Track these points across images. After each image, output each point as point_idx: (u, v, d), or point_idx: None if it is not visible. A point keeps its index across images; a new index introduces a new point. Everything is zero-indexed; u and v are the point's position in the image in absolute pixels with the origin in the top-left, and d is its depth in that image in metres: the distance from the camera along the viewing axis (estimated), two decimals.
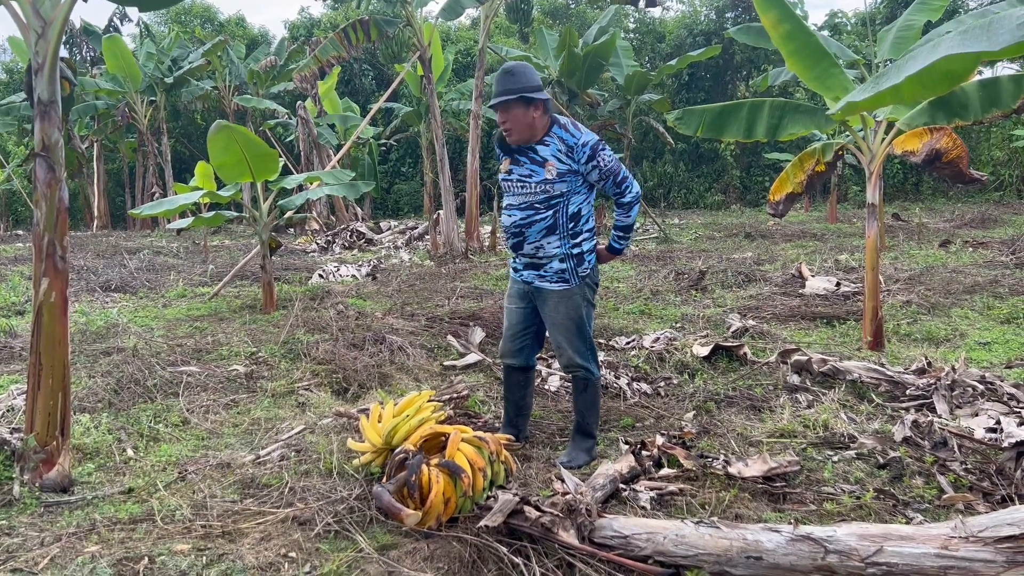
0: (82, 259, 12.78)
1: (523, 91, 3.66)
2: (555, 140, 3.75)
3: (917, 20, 6.65)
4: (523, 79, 3.69)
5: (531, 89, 3.67)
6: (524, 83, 3.68)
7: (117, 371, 5.36)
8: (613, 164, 3.78)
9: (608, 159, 3.76)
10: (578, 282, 3.86)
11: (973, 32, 2.67)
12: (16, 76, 28.57)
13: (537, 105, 3.70)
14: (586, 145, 3.72)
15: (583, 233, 3.86)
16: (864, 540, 2.57)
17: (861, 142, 6.29)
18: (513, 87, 3.67)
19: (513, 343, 4.10)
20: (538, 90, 3.70)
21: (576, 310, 3.88)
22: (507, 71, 3.72)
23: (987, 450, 3.83)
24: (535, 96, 3.66)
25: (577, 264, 3.85)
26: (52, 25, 3.57)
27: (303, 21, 31.76)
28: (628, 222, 3.91)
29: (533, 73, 3.73)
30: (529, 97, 3.66)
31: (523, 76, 3.69)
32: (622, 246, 4.00)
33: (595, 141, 3.76)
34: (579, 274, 3.86)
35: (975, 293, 8.09)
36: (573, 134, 3.75)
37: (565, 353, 3.93)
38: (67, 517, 3.36)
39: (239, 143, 7.20)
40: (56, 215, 3.64)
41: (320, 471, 3.80)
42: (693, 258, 11.92)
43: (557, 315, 3.89)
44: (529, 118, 3.71)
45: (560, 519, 2.88)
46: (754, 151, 26.65)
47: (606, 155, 3.76)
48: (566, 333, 3.89)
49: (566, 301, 3.86)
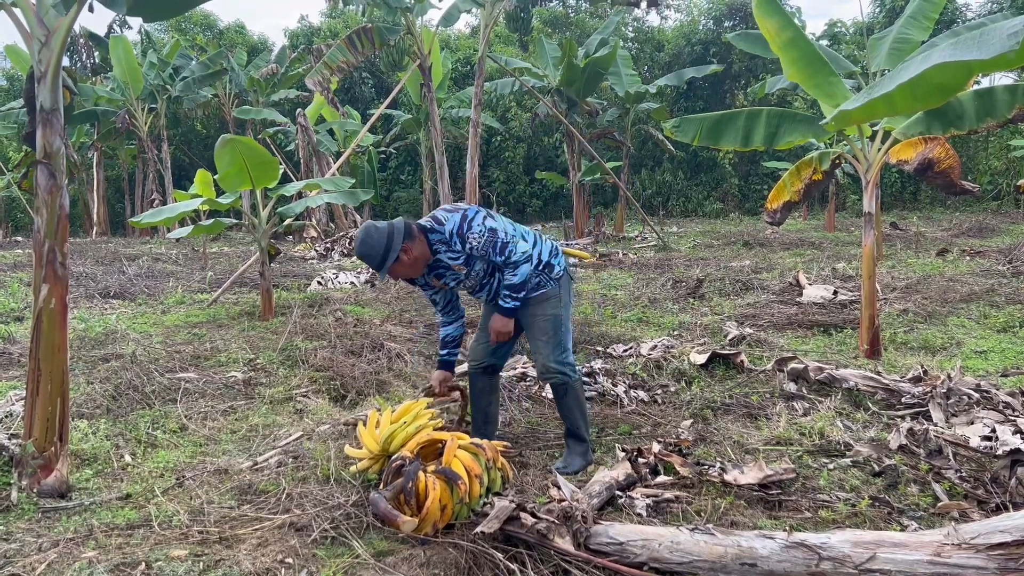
0: (81, 265, 12.79)
1: (387, 258, 3.62)
2: (438, 244, 3.77)
3: (911, 34, 6.69)
4: (378, 248, 3.61)
5: (390, 250, 3.61)
6: (381, 249, 3.61)
7: (115, 377, 5.37)
8: (485, 238, 3.71)
9: (477, 236, 3.71)
10: (553, 284, 3.99)
11: (965, 42, 2.71)
12: (16, 83, 28.63)
13: (405, 249, 3.66)
14: (451, 234, 3.72)
15: (532, 251, 3.93)
16: (858, 547, 2.59)
17: (858, 151, 6.32)
18: (379, 261, 3.62)
19: (484, 347, 4.16)
20: (392, 242, 3.62)
21: (553, 310, 3.98)
22: (362, 255, 3.65)
23: (982, 458, 3.85)
24: (397, 250, 3.63)
25: (549, 271, 3.99)
26: (56, 34, 3.59)
27: (303, 29, 31.88)
28: (516, 281, 3.80)
29: (375, 234, 3.63)
30: (396, 256, 3.63)
31: (375, 247, 3.61)
32: (508, 305, 3.86)
33: (456, 226, 3.72)
34: (553, 278, 3.99)
35: (972, 302, 8.12)
36: (440, 230, 3.73)
37: (541, 358, 4.00)
38: (65, 523, 3.37)
39: (242, 153, 7.25)
40: (57, 222, 3.66)
41: (317, 477, 3.81)
42: (691, 266, 11.95)
43: (535, 319, 3.98)
44: (411, 261, 3.72)
45: (556, 526, 2.89)
46: (753, 160, 26.73)
47: (473, 232, 3.71)
48: (543, 335, 3.97)
49: (543, 303, 3.97)
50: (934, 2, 6.90)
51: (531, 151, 28.39)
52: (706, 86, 27.88)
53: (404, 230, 3.67)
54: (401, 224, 3.70)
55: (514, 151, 27.77)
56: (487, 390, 4.25)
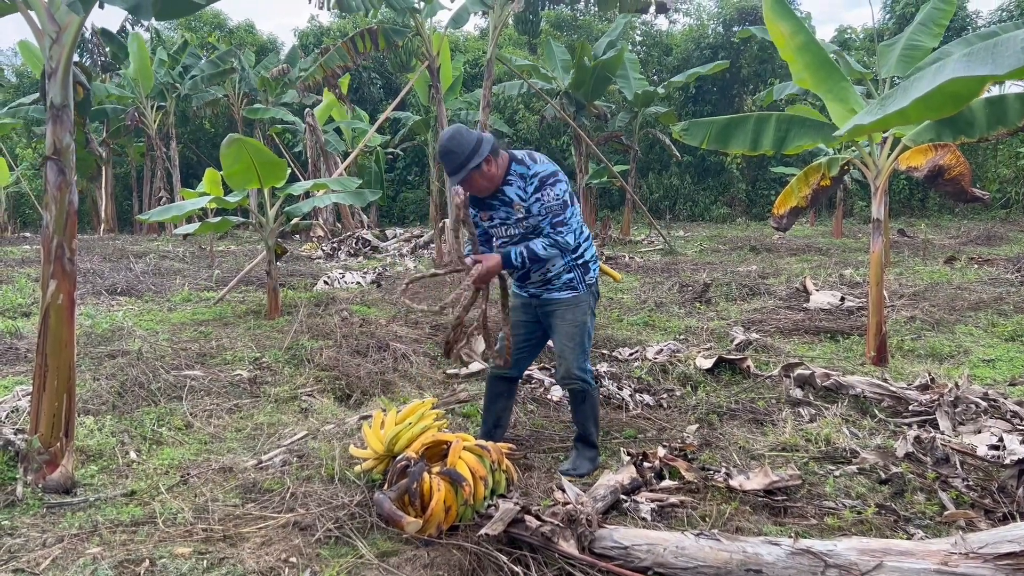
0: (89, 262, 12.84)
1: (470, 161, 3.58)
2: (515, 177, 3.73)
3: (921, 41, 6.67)
4: (464, 149, 3.57)
5: (476, 154, 3.59)
6: (467, 152, 3.57)
7: (121, 374, 5.39)
8: (557, 204, 3.68)
9: (553, 196, 3.67)
10: (585, 289, 3.93)
11: (978, 55, 2.68)
12: (25, 80, 28.77)
13: (488, 160, 3.63)
14: (535, 176, 3.68)
15: (581, 244, 3.91)
16: (864, 555, 2.57)
17: (867, 157, 6.30)
18: (460, 163, 3.58)
19: (512, 354, 4.10)
20: (480, 148, 3.59)
21: (583, 316, 3.93)
22: (446, 151, 3.58)
23: (989, 467, 3.83)
24: (483, 156, 3.60)
25: (584, 273, 3.93)
26: (67, 30, 3.61)
27: (312, 29, 31.93)
28: (540, 254, 3.71)
29: (466, 135, 3.60)
30: (480, 163, 3.60)
31: (462, 146, 3.57)
32: (515, 261, 3.72)
33: (546, 173, 3.69)
34: (586, 282, 3.94)
35: (980, 310, 8.08)
36: (528, 165, 3.72)
37: (565, 363, 3.95)
38: (69, 518, 3.38)
39: (249, 152, 7.27)
40: (65, 218, 3.68)
41: (322, 477, 3.81)
42: (698, 270, 11.93)
43: (564, 323, 3.93)
44: (488, 176, 3.68)
45: (560, 529, 2.88)
46: (760, 164, 26.67)
47: (555, 191, 3.68)
48: (570, 341, 3.92)
49: (573, 308, 3.92)
50: (944, 9, 6.89)
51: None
52: (714, 91, 27.83)
53: (493, 144, 3.65)
54: (492, 138, 3.68)
55: None
56: (504, 395, 4.21)
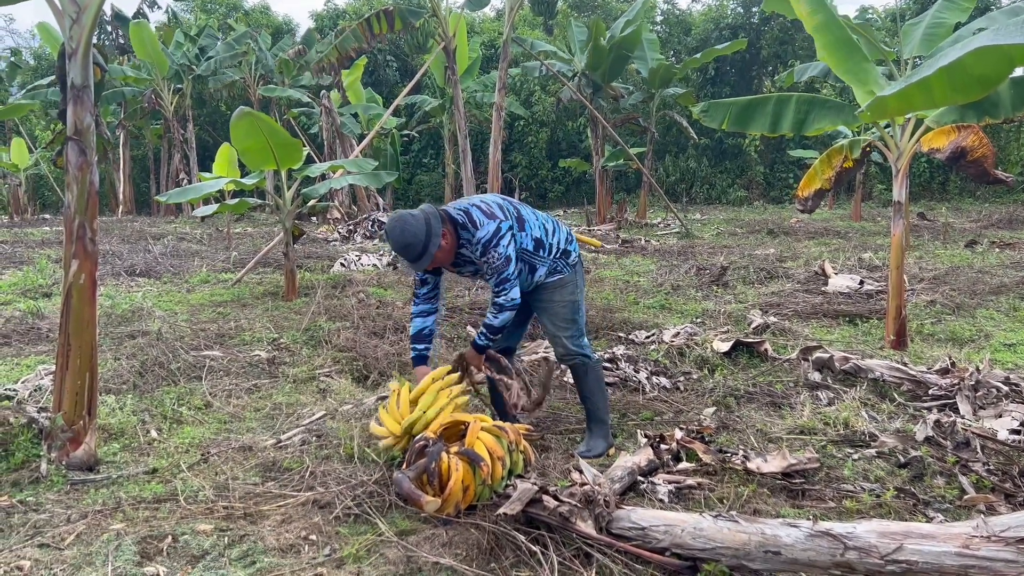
0: (108, 244, 12.94)
1: (430, 243, 3.59)
2: (465, 241, 3.75)
3: (947, 18, 6.54)
4: (419, 236, 3.57)
5: (433, 235, 3.60)
6: (423, 236, 3.58)
7: (142, 354, 5.44)
8: (500, 263, 3.72)
9: (496, 256, 3.71)
10: (569, 271, 4.01)
11: (1007, 28, 2.64)
12: (43, 62, 28.91)
13: (444, 234, 3.66)
14: (478, 243, 3.71)
15: (554, 243, 3.96)
16: (884, 537, 2.56)
17: (889, 139, 6.22)
18: (422, 250, 3.58)
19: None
20: (432, 227, 3.60)
21: (571, 295, 3.99)
22: (404, 245, 3.57)
23: (1010, 451, 3.80)
24: (439, 236, 3.61)
25: (565, 257, 4.01)
26: (87, 11, 3.61)
27: (329, 11, 31.85)
28: (495, 323, 3.81)
29: (413, 221, 3.59)
30: (438, 243, 3.62)
31: (416, 235, 3.57)
32: (483, 343, 3.89)
33: (487, 238, 3.70)
34: (569, 263, 4.01)
35: (1001, 294, 7.99)
36: (471, 232, 3.72)
37: (560, 342, 4.00)
38: (93, 495, 3.43)
39: (263, 131, 7.26)
40: (87, 198, 3.70)
41: (340, 456, 3.84)
42: (715, 253, 11.86)
43: (551, 304, 3.98)
44: (448, 249, 3.73)
45: (578, 509, 2.89)
46: (778, 147, 26.42)
47: (497, 251, 3.71)
48: (561, 321, 3.98)
49: (560, 289, 3.98)
50: None
51: (554, 136, 28.25)
52: (732, 72, 27.56)
53: (438, 215, 3.68)
54: (433, 209, 3.70)
55: (537, 136, 27.65)
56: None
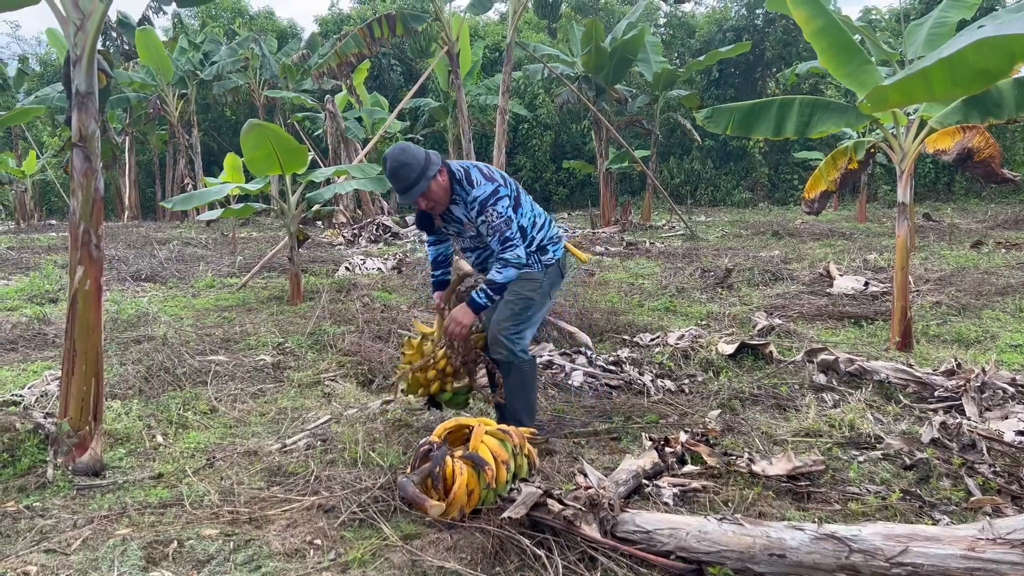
0: (113, 249, 12.98)
1: (427, 171, 3.66)
2: (459, 198, 3.80)
3: (951, 17, 6.53)
4: (418, 161, 3.65)
5: (430, 164, 3.68)
6: (421, 163, 3.65)
7: (147, 359, 5.46)
8: (501, 222, 3.74)
9: (496, 215, 3.74)
10: (541, 269, 3.97)
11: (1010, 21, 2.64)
12: (50, 68, 29.05)
13: (441, 171, 3.73)
14: (475, 201, 3.74)
15: (536, 237, 3.97)
16: (889, 540, 2.55)
17: (893, 140, 6.21)
18: (418, 175, 3.64)
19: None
20: (430, 159, 3.69)
21: (529, 291, 3.94)
22: (401, 164, 3.64)
23: (1016, 453, 3.78)
24: (433, 174, 3.67)
25: (541, 254, 3.98)
26: (91, 18, 3.63)
27: (333, 16, 31.93)
28: (499, 280, 3.77)
29: (414, 149, 3.70)
30: (430, 181, 3.67)
31: (416, 159, 3.65)
32: (481, 301, 3.80)
33: (485, 196, 3.74)
34: (543, 262, 3.98)
35: (1007, 295, 7.96)
36: (467, 190, 3.77)
37: (494, 327, 3.96)
38: (99, 500, 3.44)
39: (270, 139, 7.31)
40: (92, 204, 3.72)
41: (345, 461, 3.85)
42: (719, 255, 11.84)
43: (509, 292, 3.92)
44: (443, 187, 3.76)
45: (583, 513, 2.89)
46: (783, 149, 26.36)
47: (497, 209, 3.73)
48: (508, 310, 3.93)
49: (522, 282, 3.92)
50: None
51: (558, 139, 28.25)
52: (736, 74, 27.52)
53: (440, 158, 3.75)
54: (436, 154, 3.75)
55: (541, 139, 27.66)
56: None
